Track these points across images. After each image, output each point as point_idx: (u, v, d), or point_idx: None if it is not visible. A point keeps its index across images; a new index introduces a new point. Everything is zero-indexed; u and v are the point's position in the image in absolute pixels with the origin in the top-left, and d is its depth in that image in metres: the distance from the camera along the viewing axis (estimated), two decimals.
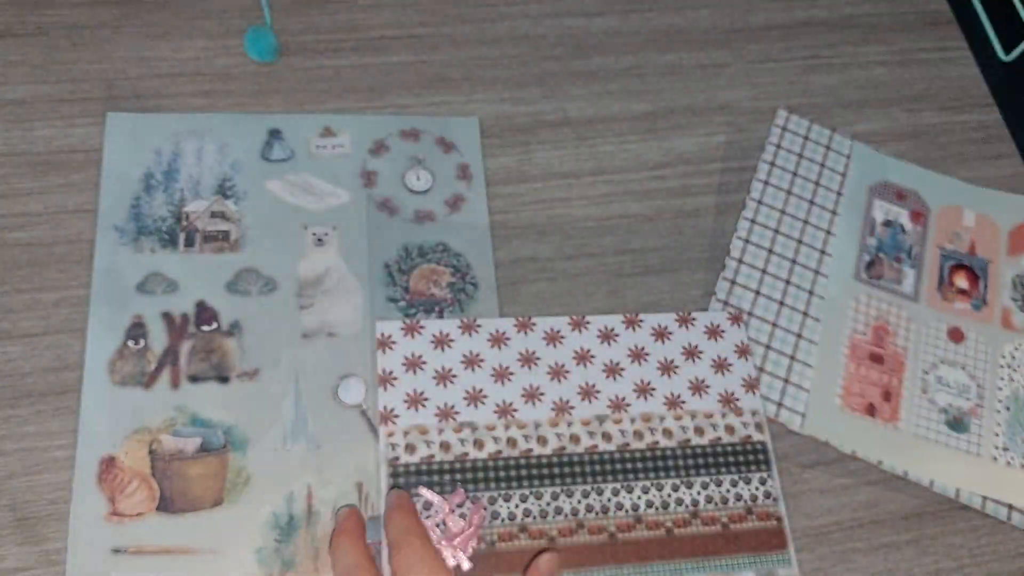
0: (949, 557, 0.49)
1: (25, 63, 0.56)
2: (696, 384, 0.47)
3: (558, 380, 0.45)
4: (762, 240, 0.55)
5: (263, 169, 0.54)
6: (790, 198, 0.56)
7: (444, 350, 0.45)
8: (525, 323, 0.46)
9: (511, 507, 0.42)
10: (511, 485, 0.42)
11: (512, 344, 0.45)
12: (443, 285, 0.52)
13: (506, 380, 0.44)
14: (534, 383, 0.45)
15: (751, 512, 0.44)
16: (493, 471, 0.42)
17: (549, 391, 0.45)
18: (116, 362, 0.47)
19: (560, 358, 0.46)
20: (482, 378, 0.44)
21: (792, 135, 0.58)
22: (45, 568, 0.43)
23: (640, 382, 0.46)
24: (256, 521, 0.45)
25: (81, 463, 0.45)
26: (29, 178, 0.52)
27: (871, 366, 0.52)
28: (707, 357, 0.48)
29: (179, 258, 0.51)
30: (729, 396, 0.47)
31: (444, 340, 0.45)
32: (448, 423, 0.43)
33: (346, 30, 0.60)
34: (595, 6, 0.64)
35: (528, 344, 0.46)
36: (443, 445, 0.42)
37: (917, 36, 0.67)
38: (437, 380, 0.44)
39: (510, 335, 0.46)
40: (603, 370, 0.46)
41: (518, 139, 0.58)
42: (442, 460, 0.42)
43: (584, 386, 0.45)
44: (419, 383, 0.44)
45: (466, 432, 0.43)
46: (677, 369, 0.47)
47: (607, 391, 0.45)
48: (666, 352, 0.47)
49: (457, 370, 0.44)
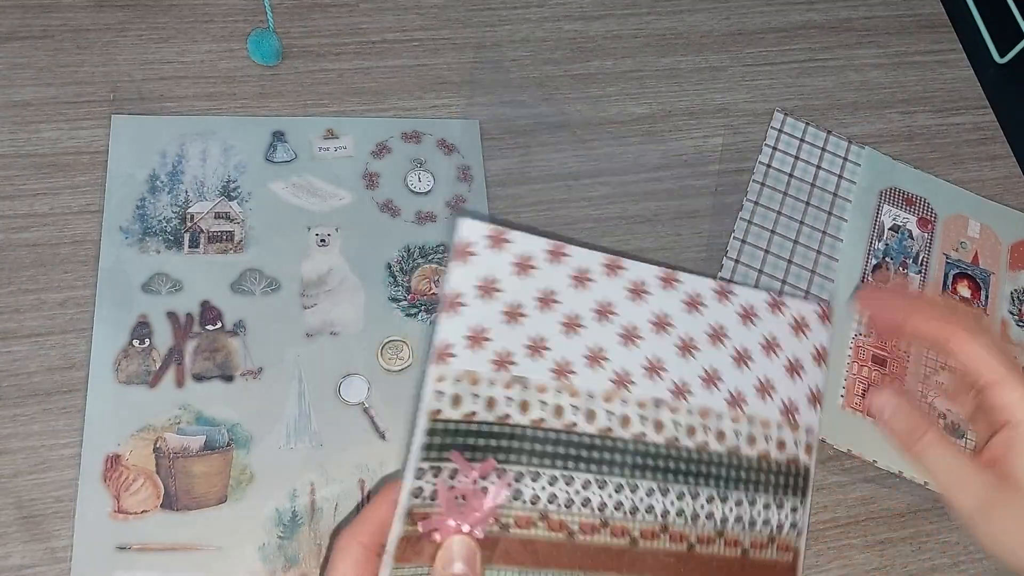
0: (944, 554, 0.50)
1: (31, 65, 0.56)
2: (764, 385, 0.40)
3: (628, 346, 0.38)
4: (759, 240, 0.55)
5: (267, 171, 0.55)
6: (786, 199, 0.57)
7: (523, 277, 0.37)
8: (614, 265, 0.39)
9: (537, 488, 0.36)
10: (543, 463, 0.37)
11: (593, 288, 0.38)
12: None
13: (574, 332, 0.38)
14: (601, 343, 0.38)
15: (772, 541, 0.39)
16: (529, 442, 0.36)
17: (615, 357, 0.38)
18: (121, 361, 0.48)
19: (637, 319, 0.39)
20: (550, 324, 0.37)
21: (788, 137, 0.59)
22: (50, 565, 0.44)
23: (709, 369, 0.40)
24: (259, 518, 0.46)
25: (86, 461, 0.45)
26: (35, 179, 0.53)
27: (874, 368, 0.52)
28: (783, 355, 0.41)
29: (184, 258, 0.51)
30: (791, 406, 0.41)
31: (525, 265, 0.37)
32: (501, 374, 0.36)
33: (348, 34, 0.61)
34: (594, 10, 0.65)
35: (609, 292, 0.39)
36: (489, 401, 0.36)
37: (912, 39, 0.67)
38: (507, 317, 0.36)
39: (595, 276, 0.38)
40: (678, 345, 0.39)
41: (518, 141, 0.59)
42: (482, 420, 0.36)
43: (652, 360, 0.39)
44: (487, 316, 0.36)
45: (516, 389, 0.36)
46: (751, 362, 0.40)
47: (674, 372, 0.39)
48: (746, 339, 0.40)
49: (529, 308, 0.37)
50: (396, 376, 0.50)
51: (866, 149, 0.60)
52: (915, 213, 0.58)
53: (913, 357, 0.53)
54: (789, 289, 0.54)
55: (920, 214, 0.58)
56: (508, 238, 0.37)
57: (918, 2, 0.69)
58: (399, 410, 0.49)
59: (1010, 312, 0.56)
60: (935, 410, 0.52)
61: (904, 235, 0.57)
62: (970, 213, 0.59)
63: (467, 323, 0.36)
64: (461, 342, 0.36)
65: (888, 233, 0.57)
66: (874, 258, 0.56)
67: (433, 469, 0.35)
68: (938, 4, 0.69)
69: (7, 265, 0.50)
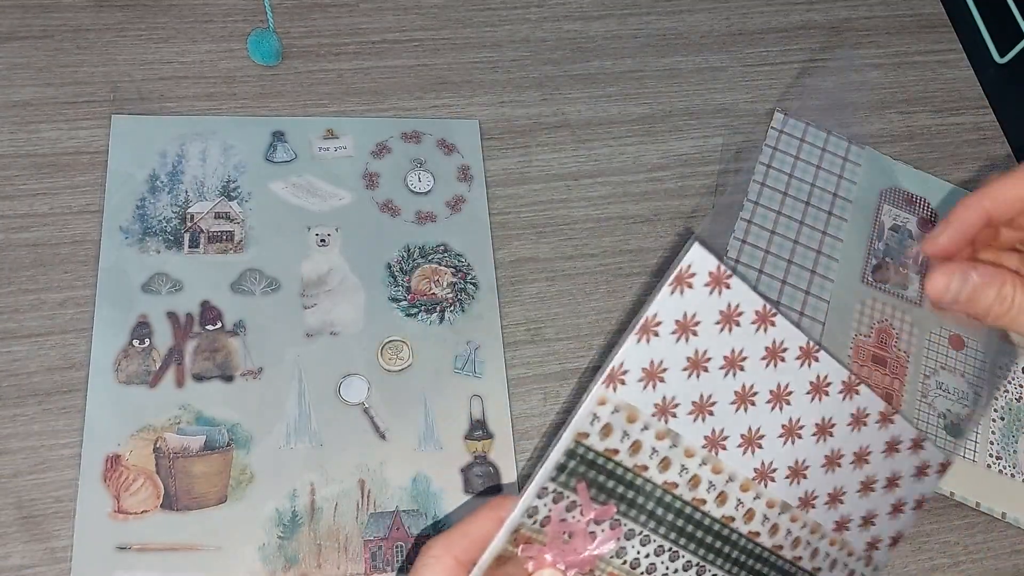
0: (945, 554, 0.50)
1: (30, 65, 0.56)
2: (868, 516, 0.39)
3: (785, 440, 0.36)
4: (759, 241, 0.55)
5: (267, 171, 0.55)
6: (786, 199, 0.57)
7: (722, 330, 0.34)
8: (809, 351, 0.36)
9: (641, 554, 0.34)
10: (658, 529, 0.35)
11: (781, 369, 0.35)
12: (444, 285, 0.53)
13: (743, 406, 0.35)
14: (763, 429, 0.36)
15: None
16: (655, 503, 0.34)
17: (768, 447, 0.36)
18: (121, 361, 0.48)
19: (806, 416, 0.37)
20: (726, 389, 0.35)
21: (788, 137, 0.59)
22: (50, 565, 0.44)
23: (838, 488, 0.38)
24: (259, 518, 0.46)
25: (86, 461, 0.45)
26: (35, 179, 0.53)
27: (874, 368, 0.52)
28: (897, 493, 0.40)
29: (184, 258, 0.51)
30: (874, 543, 0.40)
31: (731, 317, 0.34)
32: (659, 422, 0.34)
33: (348, 34, 0.61)
34: (594, 10, 0.65)
35: (793, 379, 0.36)
36: (634, 445, 0.33)
37: (912, 39, 0.67)
38: (690, 364, 0.34)
39: (787, 356, 0.35)
40: (827, 456, 0.37)
41: (518, 141, 0.59)
42: (621, 462, 0.33)
43: (799, 463, 0.37)
44: (672, 355, 0.33)
45: (664, 443, 0.34)
46: (872, 493, 0.39)
47: (812, 481, 0.37)
48: (879, 469, 0.39)
49: (714, 364, 0.34)
50: (396, 376, 0.50)
51: (866, 149, 0.60)
52: (915, 213, 0.58)
53: (913, 357, 0.53)
54: (789, 289, 0.54)
55: (920, 214, 0.58)
56: (729, 283, 0.34)
57: (918, 2, 0.69)
58: (399, 410, 0.49)
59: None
60: (935, 410, 0.52)
61: (904, 235, 0.57)
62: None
63: (651, 355, 0.33)
64: (636, 372, 0.33)
65: (888, 233, 0.57)
66: (874, 258, 0.56)
67: (555, 494, 0.33)
68: (938, 4, 0.69)
69: (7, 265, 0.50)
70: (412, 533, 0.46)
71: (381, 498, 0.47)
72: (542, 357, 0.52)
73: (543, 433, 0.50)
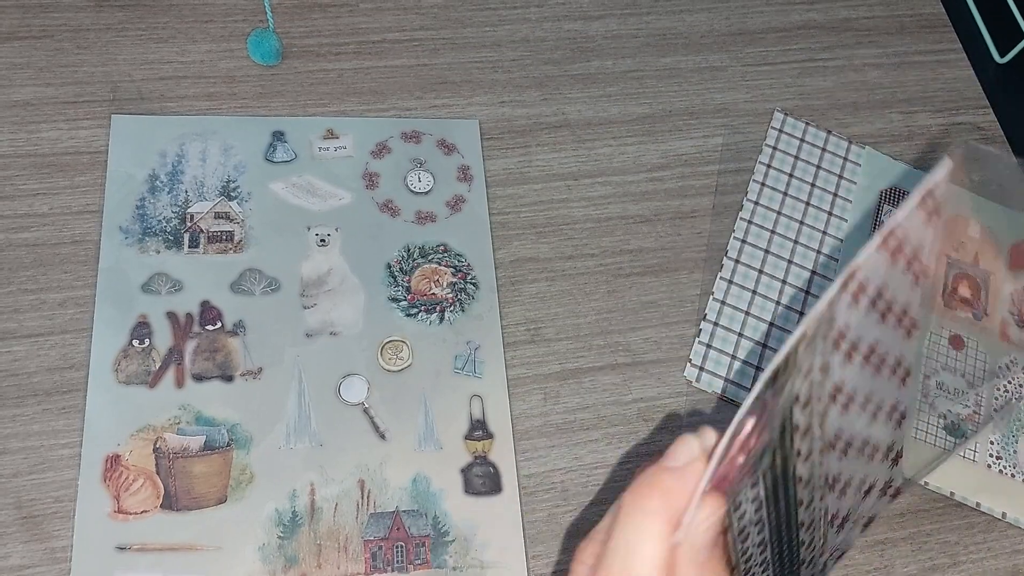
0: (944, 554, 0.50)
1: (31, 65, 0.56)
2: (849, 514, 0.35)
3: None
4: (759, 240, 0.55)
5: (266, 171, 0.55)
6: (786, 199, 0.57)
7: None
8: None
9: (751, 517, 0.30)
10: (778, 496, 0.30)
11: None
12: (444, 285, 0.53)
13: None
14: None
15: None
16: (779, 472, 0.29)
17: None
18: (121, 361, 0.48)
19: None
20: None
21: (788, 137, 0.59)
22: (50, 565, 0.44)
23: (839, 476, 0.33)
24: (259, 518, 0.46)
25: (86, 461, 0.45)
26: (35, 179, 0.53)
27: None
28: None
29: (183, 258, 0.51)
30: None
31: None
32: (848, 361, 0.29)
33: (348, 34, 0.61)
34: (594, 10, 0.65)
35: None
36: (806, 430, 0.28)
37: (912, 39, 0.67)
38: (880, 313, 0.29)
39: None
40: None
41: (518, 141, 0.59)
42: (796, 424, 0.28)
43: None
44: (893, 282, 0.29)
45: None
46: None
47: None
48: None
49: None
50: (396, 376, 0.50)
51: (866, 149, 0.60)
52: None
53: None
54: (789, 289, 0.54)
55: None
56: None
57: (918, 2, 0.69)
58: (399, 410, 0.49)
59: (1010, 312, 0.56)
60: (935, 410, 0.52)
61: None
62: (970, 213, 0.59)
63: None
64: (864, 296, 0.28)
65: None
66: None
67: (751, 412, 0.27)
68: (938, 4, 0.69)
69: (7, 265, 0.50)
70: (412, 533, 0.46)
71: (381, 498, 0.47)
72: (542, 357, 0.52)
73: (543, 433, 0.50)
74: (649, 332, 0.54)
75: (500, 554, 0.47)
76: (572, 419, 0.51)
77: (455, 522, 0.47)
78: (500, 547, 0.47)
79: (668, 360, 0.53)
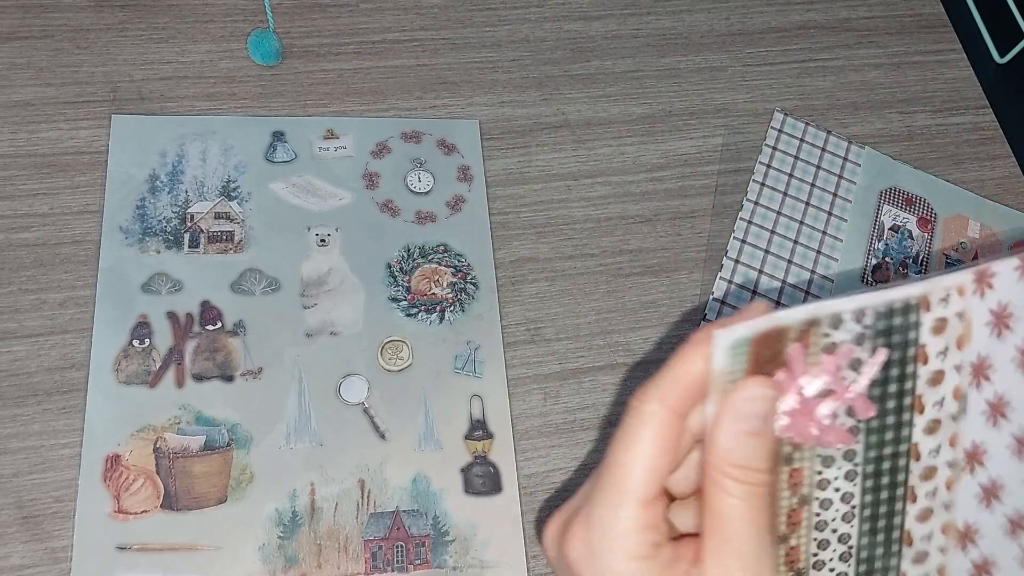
0: None
1: (30, 66, 0.56)
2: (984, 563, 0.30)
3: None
4: (759, 241, 0.55)
5: (267, 171, 0.55)
6: (786, 199, 0.57)
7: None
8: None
9: (833, 483, 0.27)
10: (865, 480, 0.28)
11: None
12: (444, 285, 0.53)
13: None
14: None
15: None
16: (892, 446, 0.27)
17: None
18: (121, 361, 0.48)
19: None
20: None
21: (788, 137, 0.59)
22: (50, 566, 0.44)
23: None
24: (259, 518, 0.46)
25: (86, 461, 0.45)
26: (35, 179, 0.53)
27: None
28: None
29: (184, 258, 0.51)
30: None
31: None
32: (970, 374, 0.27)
33: (348, 34, 0.61)
34: (594, 10, 0.65)
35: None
36: (935, 376, 0.27)
37: (912, 39, 0.67)
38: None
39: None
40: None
41: (518, 141, 0.59)
42: (918, 375, 0.27)
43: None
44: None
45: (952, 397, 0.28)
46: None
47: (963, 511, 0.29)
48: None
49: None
50: (396, 376, 0.50)
51: (866, 149, 0.60)
52: (915, 213, 0.58)
53: None
54: (789, 289, 0.54)
55: (920, 214, 0.58)
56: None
57: (918, 2, 0.69)
58: (399, 410, 0.49)
59: None
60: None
61: (904, 235, 0.57)
62: (970, 213, 0.59)
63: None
64: (1006, 285, 0.26)
65: (888, 233, 0.57)
66: (874, 258, 0.56)
67: (858, 336, 0.24)
68: (938, 4, 0.69)
69: (7, 265, 0.50)
70: (412, 533, 0.46)
71: (381, 498, 0.47)
72: (542, 357, 0.52)
73: (543, 433, 0.50)
74: (649, 332, 0.54)
75: (500, 554, 0.47)
76: (572, 419, 0.51)
77: (455, 522, 0.47)
78: (500, 547, 0.47)
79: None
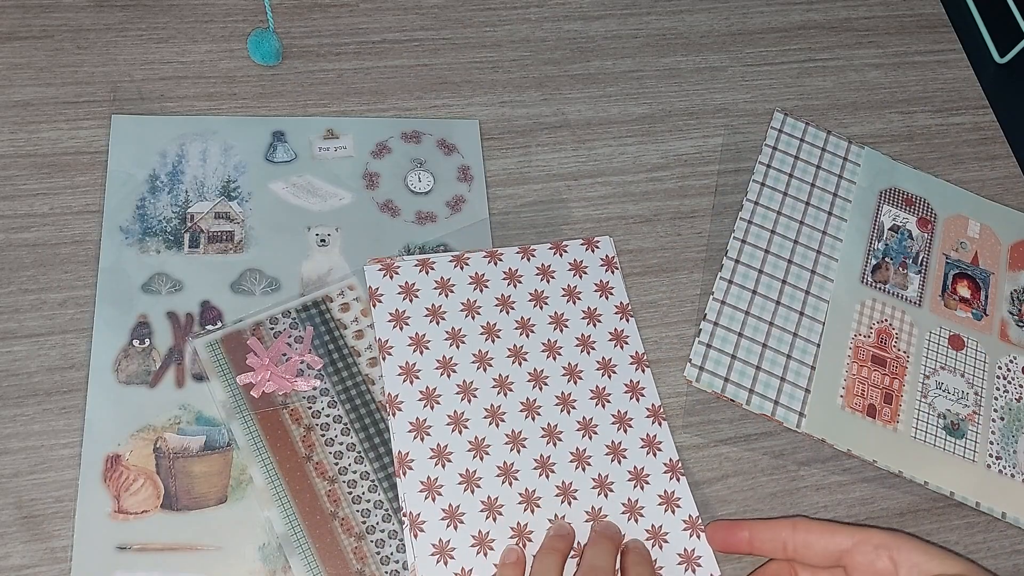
0: None
1: (31, 66, 0.56)
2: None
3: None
4: (759, 240, 0.55)
5: (267, 171, 0.55)
6: (786, 199, 0.57)
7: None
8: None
9: (323, 411, 0.47)
10: (344, 403, 0.48)
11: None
12: None
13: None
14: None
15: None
16: (351, 382, 0.48)
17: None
18: (121, 361, 0.48)
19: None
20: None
21: (788, 137, 0.59)
22: (50, 565, 0.44)
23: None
24: (260, 518, 0.46)
25: (86, 461, 0.45)
26: (35, 179, 0.53)
27: (873, 368, 0.52)
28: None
29: (184, 258, 0.51)
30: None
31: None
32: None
33: (348, 34, 0.61)
34: (594, 10, 0.65)
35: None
36: (357, 333, 0.50)
37: (912, 39, 0.67)
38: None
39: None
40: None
41: (518, 141, 0.59)
42: (345, 336, 0.50)
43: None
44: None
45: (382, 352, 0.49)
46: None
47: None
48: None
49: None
50: None
51: (866, 149, 0.60)
52: (915, 213, 0.58)
53: (913, 357, 0.53)
54: (789, 289, 0.54)
55: (920, 214, 0.58)
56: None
57: (918, 2, 0.69)
58: None
59: (1010, 312, 0.56)
60: (935, 410, 0.52)
61: (904, 235, 0.57)
62: (970, 213, 0.59)
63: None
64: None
65: (888, 233, 0.57)
66: (874, 258, 0.56)
67: (292, 321, 0.48)
68: (938, 4, 0.69)
69: (7, 265, 0.50)
70: None
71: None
72: None
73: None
74: (649, 332, 0.54)
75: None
76: None
77: None
78: None
79: (668, 360, 0.53)
